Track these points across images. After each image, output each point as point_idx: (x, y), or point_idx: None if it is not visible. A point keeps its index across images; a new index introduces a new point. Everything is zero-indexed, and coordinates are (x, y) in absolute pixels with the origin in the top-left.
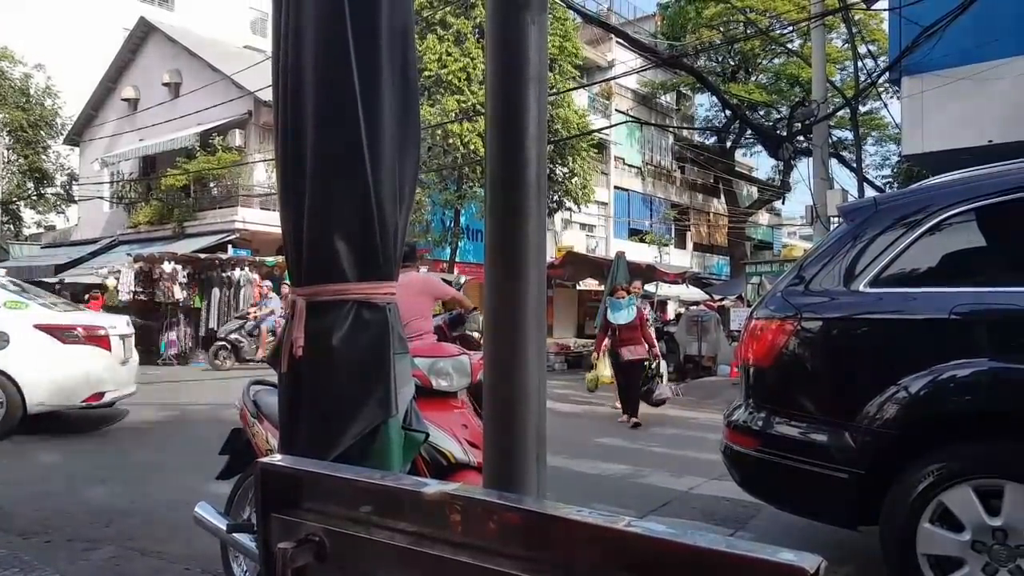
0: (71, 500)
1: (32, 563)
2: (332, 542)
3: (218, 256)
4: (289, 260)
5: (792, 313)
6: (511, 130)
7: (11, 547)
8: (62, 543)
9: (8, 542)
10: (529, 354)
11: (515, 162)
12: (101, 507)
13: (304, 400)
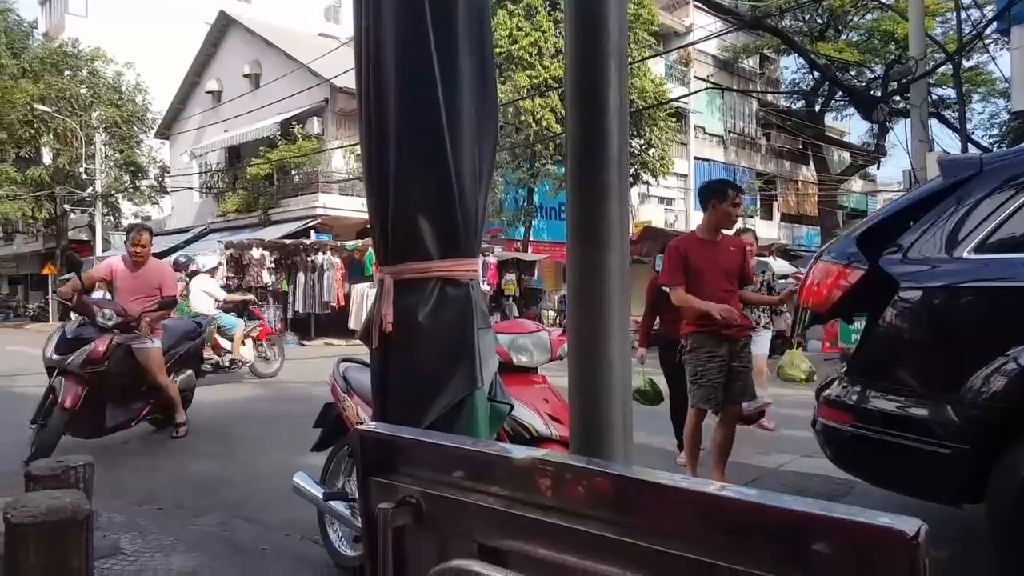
0: (178, 473)
1: (149, 527)
2: (428, 504)
3: (301, 241)
4: (376, 240)
5: (849, 261)
6: (591, 104)
7: (129, 514)
8: (172, 511)
9: (126, 509)
10: (613, 326)
11: (596, 136)
12: (206, 479)
13: (394, 374)
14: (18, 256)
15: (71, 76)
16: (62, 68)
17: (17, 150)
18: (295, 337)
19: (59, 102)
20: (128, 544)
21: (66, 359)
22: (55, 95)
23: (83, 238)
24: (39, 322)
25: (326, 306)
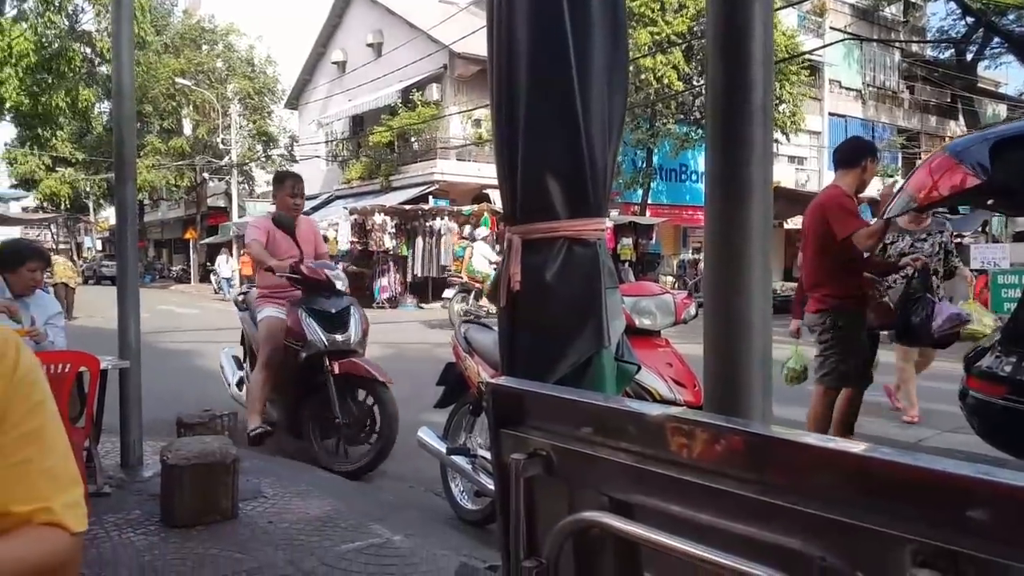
0: None
1: (286, 474)
2: (558, 456)
3: (420, 207)
4: (504, 199)
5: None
6: (735, 55)
7: (268, 461)
8: (305, 461)
9: (264, 458)
10: (753, 282)
11: (739, 88)
12: None
13: (521, 332)
14: (163, 222)
15: (208, 50)
16: (200, 43)
17: (161, 122)
18: (414, 300)
19: (197, 75)
20: (268, 488)
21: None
22: (194, 69)
23: (220, 205)
24: (182, 283)
25: (443, 270)
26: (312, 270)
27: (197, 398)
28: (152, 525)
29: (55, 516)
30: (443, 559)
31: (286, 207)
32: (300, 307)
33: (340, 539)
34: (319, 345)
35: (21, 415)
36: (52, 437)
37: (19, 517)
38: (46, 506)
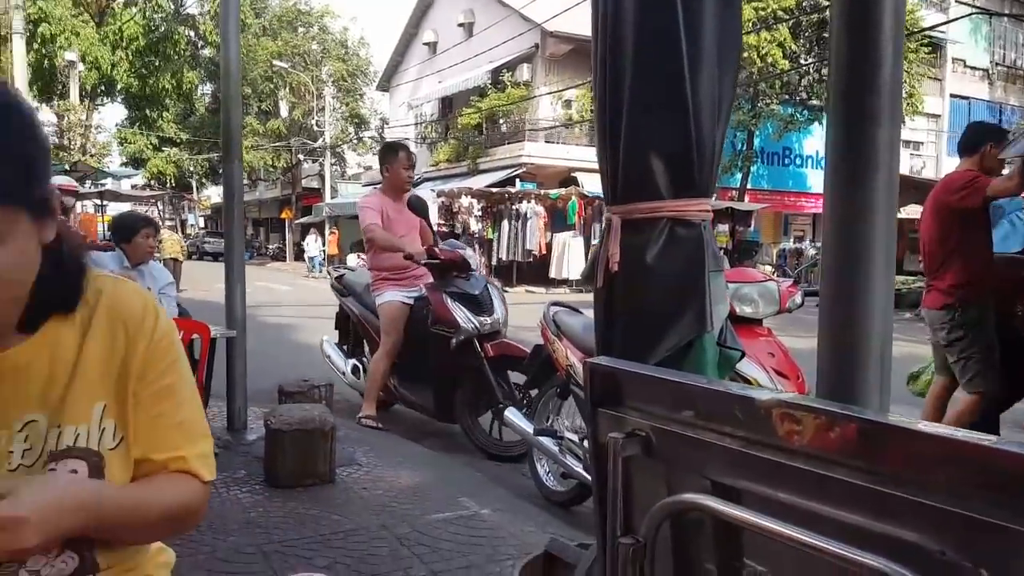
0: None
1: (379, 444)
2: (658, 438)
3: (507, 190)
4: (604, 178)
5: None
6: (862, 26)
7: (361, 431)
8: (402, 433)
9: (357, 428)
10: (875, 267)
11: (866, 62)
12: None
13: (619, 314)
14: (260, 201)
15: (304, 33)
16: (296, 25)
17: (259, 103)
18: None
19: (294, 58)
20: (362, 457)
21: (495, 320)
22: (290, 51)
23: (314, 186)
24: (277, 261)
25: (528, 254)
26: (448, 252)
27: (295, 368)
28: (256, 484)
29: (188, 465)
30: (530, 535)
31: (400, 179)
32: (441, 291)
33: (431, 509)
34: (471, 330)
35: (159, 372)
36: (185, 393)
37: (156, 464)
38: (180, 455)
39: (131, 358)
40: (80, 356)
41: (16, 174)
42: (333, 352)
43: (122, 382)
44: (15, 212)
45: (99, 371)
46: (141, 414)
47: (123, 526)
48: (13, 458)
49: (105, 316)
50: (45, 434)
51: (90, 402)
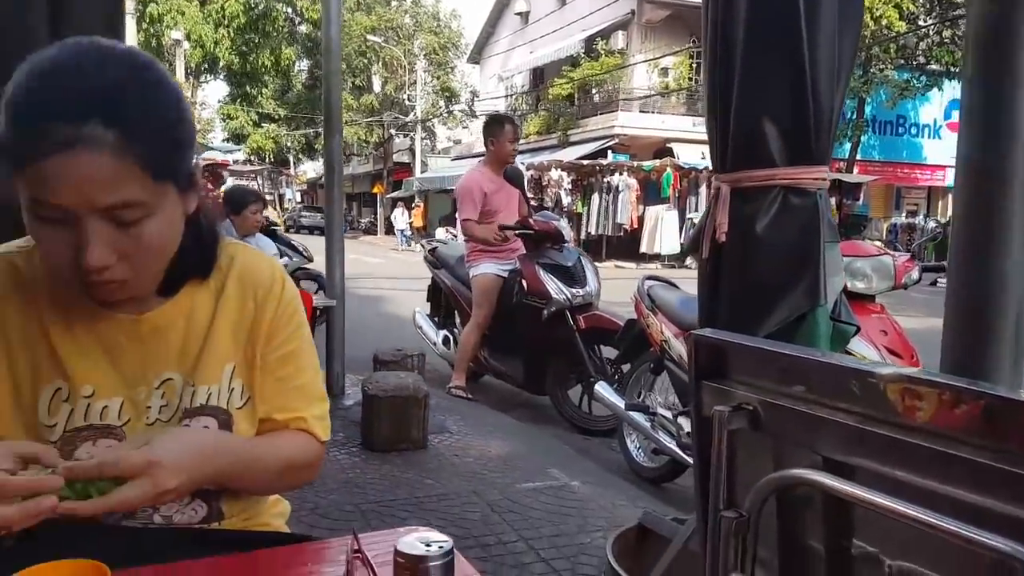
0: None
1: (469, 413)
2: (765, 412)
3: (598, 162)
4: (712, 145)
5: None
6: None
7: (451, 400)
8: (491, 404)
9: (452, 399)
10: (1010, 235)
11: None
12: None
13: (726, 285)
14: (353, 176)
15: (397, 6)
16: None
17: (353, 79)
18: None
19: (387, 32)
20: (453, 426)
21: (587, 291)
22: (384, 25)
23: (404, 161)
24: (369, 235)
25: (619, 228)
26: (542, 223)
27: (388, 338)
28: (354, 447)
29: (307, 425)
30: (621, 508)
31: (504, 152)
32: (534, 262)
33: (520, 478)
34: (563, 302)
35: (284, 337)
36: (306, 358)
37: (278, 424)
38: (300, 416)
39: (259, 323)
40: (213, 320)
41: (167, 149)
42: (425, 323)
43: (250, 345)
44: (165, 186)
45: (230, 335)
46: (266, 376)
47: (246, 476)
48: (151, 413)
49: (236, 283)
50: (180, 392)
51: (221, 363)
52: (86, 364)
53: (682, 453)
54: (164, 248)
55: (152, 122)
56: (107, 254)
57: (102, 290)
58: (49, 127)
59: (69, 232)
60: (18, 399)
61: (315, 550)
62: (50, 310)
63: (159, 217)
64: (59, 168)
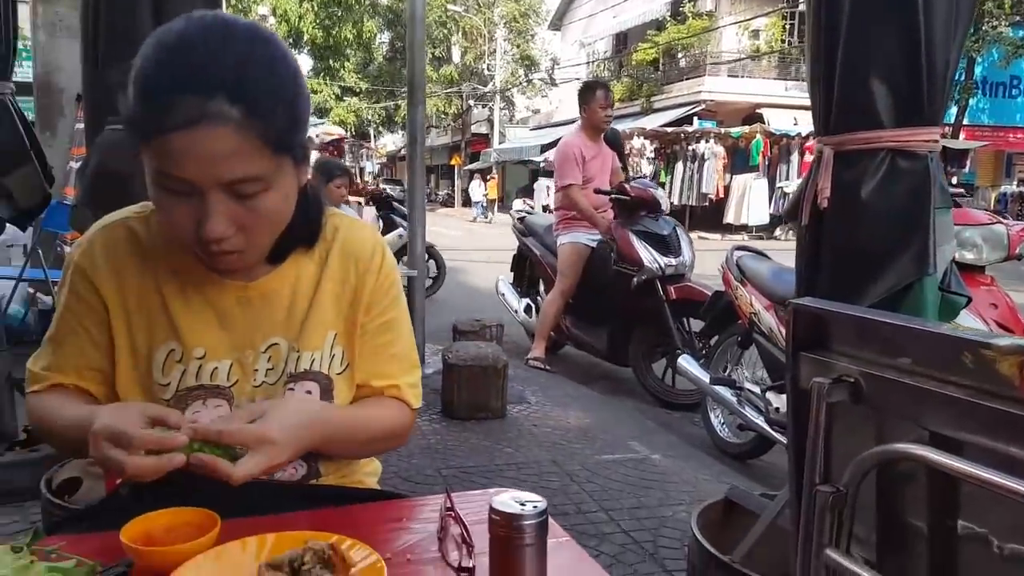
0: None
1: (547, 385)
2: (868, 384)
3: (683, 129)
4: (815, 107)
5: None
6: None
7: (529, 371)
8: (570, 375)
9: (529, 370)
10: None
11: None
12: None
13: (827, 253)
14: (431, 148)
15: None
16: None
17: (432, 50)
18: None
19: (467, 1)
20: (531, 396)
21: (681, 261)
22: None
23: (482, 131)
24: (446, 207)
25: (703, 198)
26: (639, 190)
27: (467, 309)
28: (434, 415)
29: (400, 393)
30: (704, 483)
31: (597, 118)
32: (628, 229)
33: (600, 449)
34: (655, 271)
35: (383, 307)
36: (403, 328)
37: (374, 390)
38: (395, 383)
39: (360, 292)
40: (317, 289)
41: (287, 124)
42: (508, 291)
43: (351, 314)
44: (283, 160)
45: (332, 302)
46: (365, 344)
47: (346, 443)
48: (257, 375)
49: (339, 252)
50: (286, 356)
51: (324, 330)
52: (198, 327)
53: (769, 429)
54: (279, 220)
55: (273, 97)
56: (226, 226)
57: (219, 259)
58: (176, 102)
59: (191, 203)
60: (135, 359)
61: (409, 506)
62: (165, 274)
63: (276, 190)
64: (185, 143)
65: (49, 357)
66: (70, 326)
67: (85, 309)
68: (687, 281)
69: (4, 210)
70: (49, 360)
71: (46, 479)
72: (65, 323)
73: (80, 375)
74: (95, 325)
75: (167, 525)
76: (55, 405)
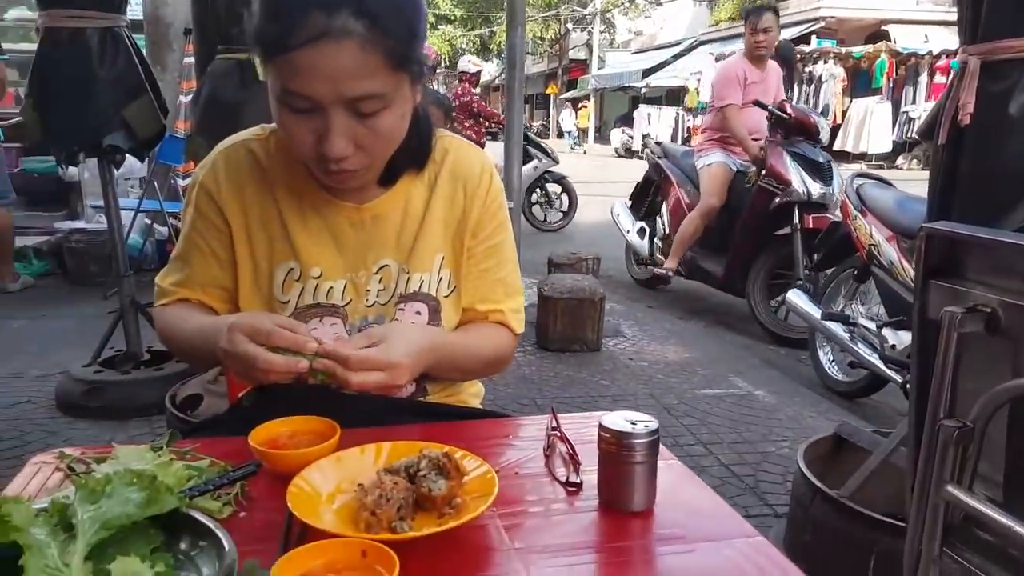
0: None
1: (646, 319)
2: (1008, 314)
3: (800, 49)
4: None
5: None
6: None
7: (626, 305)
8: (662, 311)
9: (626, 303)
10: None
11: None
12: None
13: (966, 174)
14: (527, 77)
15: None
16: None
17: None
18: None
19: None
20: (628, 330)
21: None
22: None
23: (580, 57)
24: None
25: None
26: (800, 112)
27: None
28: (529, 346)
29: (504, 318)
30: (809, 420)
31: (748, 46)
32: (783, 148)
33: (699, 384)
34: (802, 194)
35: (490, 230)
36: (508, 253)
37: (479, 314)
38: (499, 308)
39: (468, 215)
40: (427, 211)
41: (407, 41)
42: (623, 212)
43: (459, 237)
44: (401, 77)
45: (441, 225)
46: (471, 268)
47: (455, 367)
48: (370, 296)
49: (449, 175)
50: (396, 277)
51: (432, 253)
52: (315, 248)
53: (883, 367)
54: (396, 139)
55: (395, 13)
56: (346, 144)
57: (336, 178)
58: (303, 18)
59: (313, 121)
60: (256, 277)
61: (514, 425)
62: (284, 196)
63: (394, 109)
64: (310, 59)
65: (177, 274)
66: (196, 244)
67: (210, 227)
68: (827, 214)
69: (123, 141)
70: (177, 277)
71: (170, 395)
72: (191, 241)
73: (205, 291)
74: (219, 243)
75: (290, 432)
76: (183, 316)
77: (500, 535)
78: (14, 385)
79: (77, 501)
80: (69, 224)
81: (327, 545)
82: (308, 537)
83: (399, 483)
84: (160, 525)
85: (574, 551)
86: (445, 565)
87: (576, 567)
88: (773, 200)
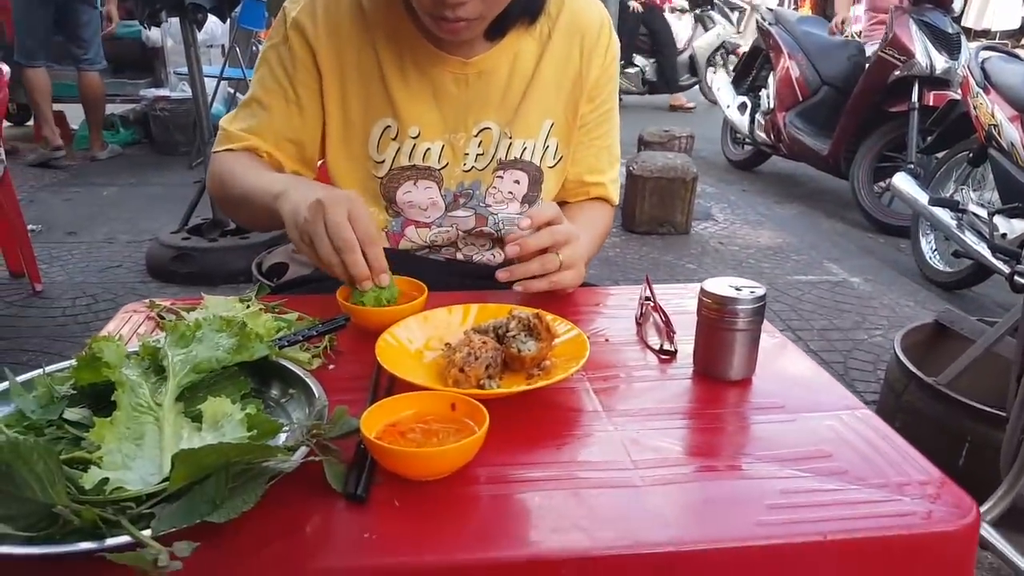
0: (770, 167)
1: (738, 203)
2: None
3: None
4: None
5: None
6: None
7: (719, 187)
8: (755, 194)
9: (720, 186)
10: None
11: None
12: (786, 166)
13: None
14: None
15: None
16: None
17: None
18: None
19: None
20: (719, 214)
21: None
22: None
23: None
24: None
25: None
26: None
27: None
28: (614, 228)
29: (606, 191)
30: (906, 309)
31: None
32: (909, 15)
33: (791, 270)
34: (924, 68)
35: (605, 96)
36: (616, 118)
37: (584, 185)
38: (602, 180)
39: (585, 75)
40: (537, 69)
41: None
42: (724, 86)
43: (572, 100)
44: None
45: (553, 87)
46: (583, 136)
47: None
48: (467, 160)
49: (564, 29)
50: (497, 142)
51: (540, 117)
52: (415, 105)
53: (991, 256)
54: None
55: None
56: None
57: (451, 27)
58: None
59: None
60: (347, 131)
61: (605, 294)
62: (385, 46)
63: None
64: None
65: (249, 119)
66: (278, 87)
67: (299, 71)
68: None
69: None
70: (249, 123)
71: (256, 263)
72: (272, 84)
73: (278, 144)
74: (306, 90)
75: None
76: (248, 165)
77: (590, 397)
78: (107, 250)
79: (168, 345)
80: (154, 91)
81: (417, 397)
82: (396, 390)
83: (488, 342)
84: (250, 373)
85: (666, 415)
86: (533, 424)
87: (668, 431)
88: (892, 73)
